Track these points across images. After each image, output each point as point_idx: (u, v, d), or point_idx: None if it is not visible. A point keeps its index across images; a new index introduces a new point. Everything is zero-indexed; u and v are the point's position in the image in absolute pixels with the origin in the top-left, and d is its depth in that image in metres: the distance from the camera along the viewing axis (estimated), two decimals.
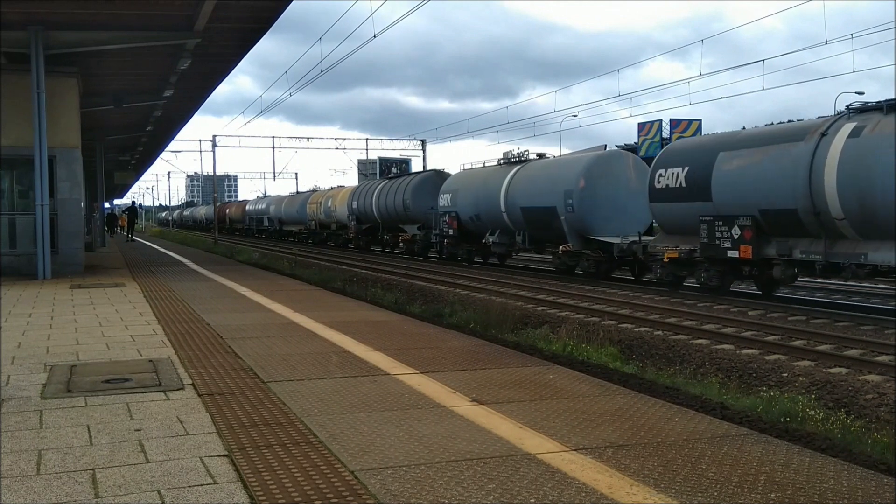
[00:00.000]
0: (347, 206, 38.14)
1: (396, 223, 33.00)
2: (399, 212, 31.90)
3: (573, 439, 4.27)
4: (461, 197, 26.20)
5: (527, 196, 22.43)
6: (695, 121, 54.97)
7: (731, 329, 12.34)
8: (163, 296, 12.34)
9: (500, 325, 11.43)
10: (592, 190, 20.19)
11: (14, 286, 13.96)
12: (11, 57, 15.97)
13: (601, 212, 20.14)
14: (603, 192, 20.26)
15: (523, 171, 23.29)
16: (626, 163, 21.09)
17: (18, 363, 6.66)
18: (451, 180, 28.38)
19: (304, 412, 4.87)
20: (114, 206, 69.04)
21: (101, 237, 35.25)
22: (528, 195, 22.36)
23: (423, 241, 30.37)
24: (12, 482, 3.62)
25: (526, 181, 22.75)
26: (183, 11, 14.60)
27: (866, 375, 9.09)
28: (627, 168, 20.87)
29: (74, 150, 17.16)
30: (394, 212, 32.41)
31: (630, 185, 20.43)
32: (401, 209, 31.60)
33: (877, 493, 3.50)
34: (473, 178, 26.26)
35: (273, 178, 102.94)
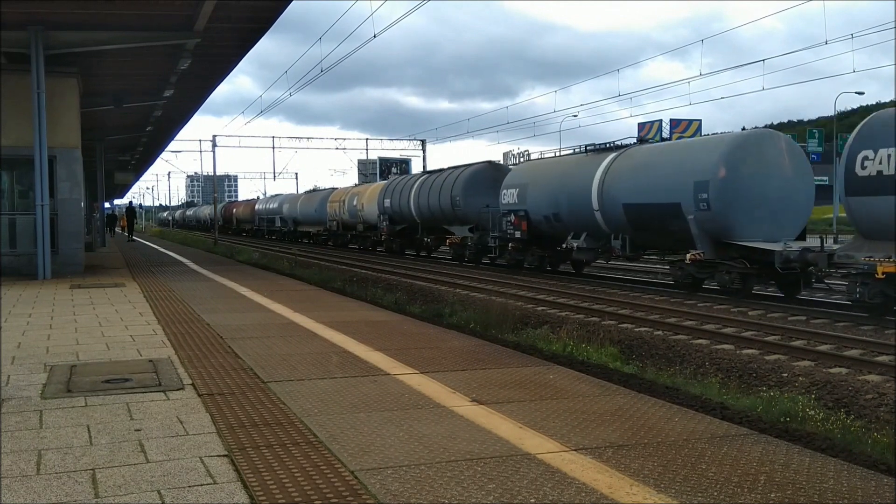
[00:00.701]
0: (378, 204, 33.94)
1: (441, 224, 29.09)
2: (445, 210, 27.81)
3: (573, 439, 4.27)
4: (532, 193, 21.93)
5: (633, 190, 17.94)
6: (695, 121, 55.03)
7: (731, 329, 12.34)
8: (163, 296, 12.34)
9: (501, 325, 11.42)
10: (736, 181, 15.77)
11: (14, 286, 13.96)
12: (11, 57, 15.97)
13: (748, 209, 15.76)
14: (750, 183, 15.81)
15: (624, 159, 18.79)
16: (779, 146, 16.49)
17: (18, 363, 6.66)
18: (516, 173, 24.37)
19: (304, 412, 4.87)
20: (114, 207, 69.03)
21: (102, 237, 35.26)
22: (636, 189, 17.86)
23: (476, 244, 26.10)
24: (12, 482, 3.62)
25: (630, 172, 18.30)
26: (183, 11, 14.59)
27: (866, 375, 9.10)
28: (781, 153, 16.37)
29: (74, 150, 17.16)
30: (438, 211, 28.37)
31: (784, 174, 16.16)
32: (447, 207, 27.49)
33: (877, 493, 3.50)
34: (549, 170, 22.23)
35: (273, 178, 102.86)
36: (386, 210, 33.12)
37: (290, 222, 51.15)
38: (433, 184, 28.98)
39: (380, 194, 34.27)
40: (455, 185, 27.06)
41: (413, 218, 30.80)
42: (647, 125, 55.60)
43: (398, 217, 32.26)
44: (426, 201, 29.20)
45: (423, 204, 29.47)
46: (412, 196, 30.45)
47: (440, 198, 27.93)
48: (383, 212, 33.43)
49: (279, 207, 54.08)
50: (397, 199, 32.00)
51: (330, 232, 43.02)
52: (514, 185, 23.37)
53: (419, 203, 29.72)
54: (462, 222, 27.25)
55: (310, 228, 47.78)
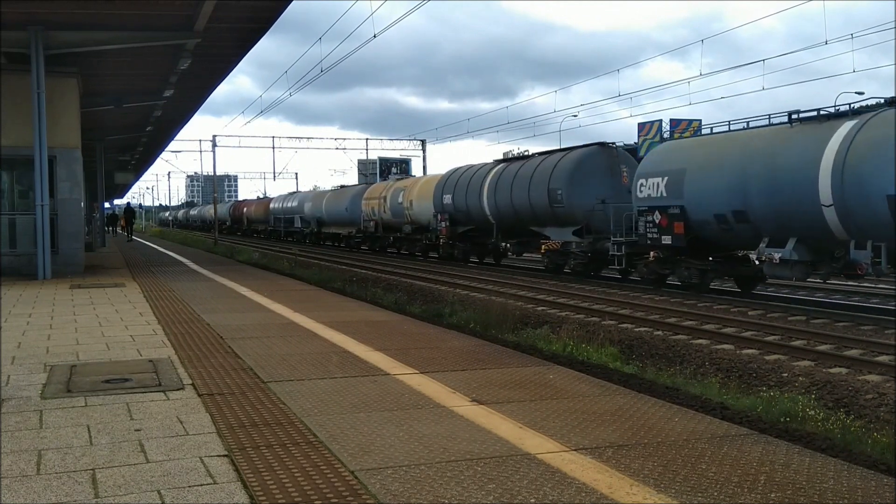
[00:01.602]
0: (434, 201, 28.49)
1: (529, 224, 23.30)
2: (538, 208, 22.29)
3: (573, 439, 4.27)
4: (694, 182, 16.15)
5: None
6: (695, 121, 54.94)
7: (731, 329, 12.35)
8: (163, 296, 12.34)
9: (500, 325, 11.42)
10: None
11: (14, 286, 13.95)
12: (11, 57, 15.97)
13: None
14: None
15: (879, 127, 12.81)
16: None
17: (18, 363, 6.66)
18: (661, 155, 17.94)
19: (304, 412, 4.87)
20: (114, 207, 68.93)
21: (101, 237, 35.26)
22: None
23: (586, 252, 20.45)
24: (12, 482, 3.62)
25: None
26: (183, 11, 14.60)
27: (866, 375, 9.10)
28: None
29: (74, 150, 17.17)
30: (525, 208, 22.84)
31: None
32: (541, 204, 22.02)
33: (877, 493, 3.50)
34: (722, 150, 16.00)
35: (273, 178, 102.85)
36: (446, 208, 27.50)
37: (314, 222, 45.83)
38: (518, 174, 23.31)
39: (436, 189, 28.51)
40: (555, 175, 21.40)
41: (485, 218, 25.27)
42: (647, 125, 55.52)
43: (462, 217, 26.70)
44: (507, 197, 23.67)
45: (502, 200, 24.05)
46: (485, 190, 24.96)
47: (530, 192, 22.30)
48: (441, 210, 27.78)
49: (299, 206, 48.72)
50: (462, 195, 26.43)
51: (365, 234, 37.31)
52: (658, 171, 17.21)
53: (496, 199, 24.26)
54: (562, 222, 21.46)
55: (339, 230, 42.05)
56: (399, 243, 34.33)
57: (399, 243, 34.33)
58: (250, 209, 64.12)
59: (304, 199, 48.76)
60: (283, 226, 52.74)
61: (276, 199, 57.56)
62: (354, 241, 39.64)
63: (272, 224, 55.69)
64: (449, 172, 29.03)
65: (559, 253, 21.90)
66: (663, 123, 54.92)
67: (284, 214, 52.17)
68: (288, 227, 51.48)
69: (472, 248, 27.73)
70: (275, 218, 54.79)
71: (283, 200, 54.35)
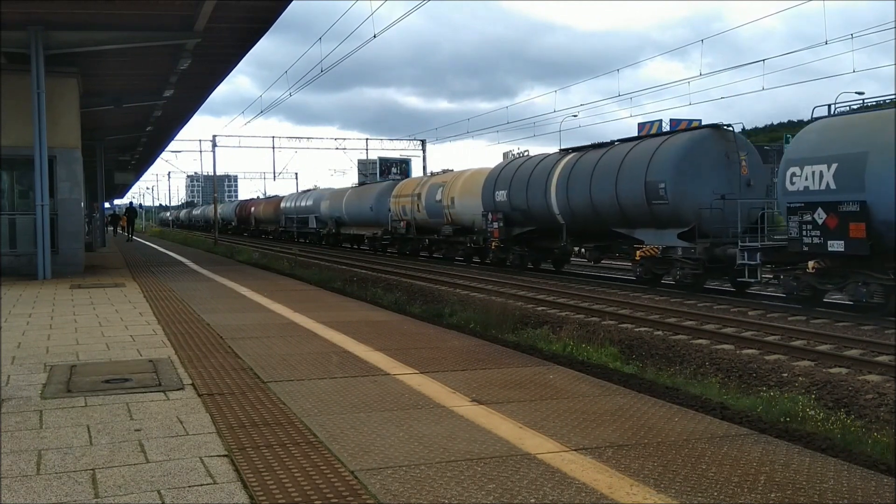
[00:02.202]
0: (485, 198, 24.87)
1: (612, 225, 19.37)
2: (629, 205, 18.28)
3: (573, 439, 4.27)
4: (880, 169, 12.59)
5: None
6: (695, 121, 54.99)
7: (731, 329, 12.35)
8: (163, 296, 12.34)
9: (500, 325, 11.42)
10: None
11: (14, 286, 13.95)
12: (11, 57, 15.97)
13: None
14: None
15: None
16: None
17: (18, 363, 6.66)
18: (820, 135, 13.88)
19: (304, 412, 4.87)
20: (114, 207, 68.85)
21: (101, 237, 35.25)
22: None
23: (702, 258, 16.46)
24: (12, 482, 3.62)
25: None
26: (183, 11, 14.60)
27: (866, 375, 9.10)
28: None
29: (74, 150, 17.17)
30: (611, 205, 18.94)
31: None
32: (635, 200, 17.99)
33: (877, 493, 3.50)
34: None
35: (273, 178, 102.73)
36: (499, 206, 23.87)
37: (332, 223, 42.19)
38: (600, 165, 19.45)
39: (486, 185, 24.81)
40: (655, 165, 17.48)
41: (551, 218, 21.48)
42: (647, 125, 55.61)
43: (520, 216, 22.95)
44: (583, 192, 19.68)
45: (576, 196, 20.13)
46: (552, 185, 21.13)
47: (619, 186, 18.45)
48: (493, 209, 24.14)
49: (315, 205, 45.20)
50: (520, 191, 22.63)
51: (394, 236, 33.76)
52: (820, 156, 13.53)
53: (569, 195, 20.36)
54: (663, 223, 17.57)
55: (361, 231, 38.48)
56: (436, 247, 30.43)
57: (436, 247, 30.43)
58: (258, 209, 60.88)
59: (321, 198, 45.10)
60: (295, 226, 49.49)
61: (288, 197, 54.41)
62: (381, 243, 36.02)
63: (283, 224, 52.53)
64: (502, 165, 25.21)
65: (658, 261, 17.86)
66: (663, 123, 54.99)
67: (297, 214, 48.92)
68: (302, 227, 48.13)
69: (532, 254, 23.69)
70: (286, 218, 51.68)
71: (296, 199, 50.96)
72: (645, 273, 18.52)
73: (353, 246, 41.60)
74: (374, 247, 37.41)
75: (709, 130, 17.78)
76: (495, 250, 24.49)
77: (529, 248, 23.77)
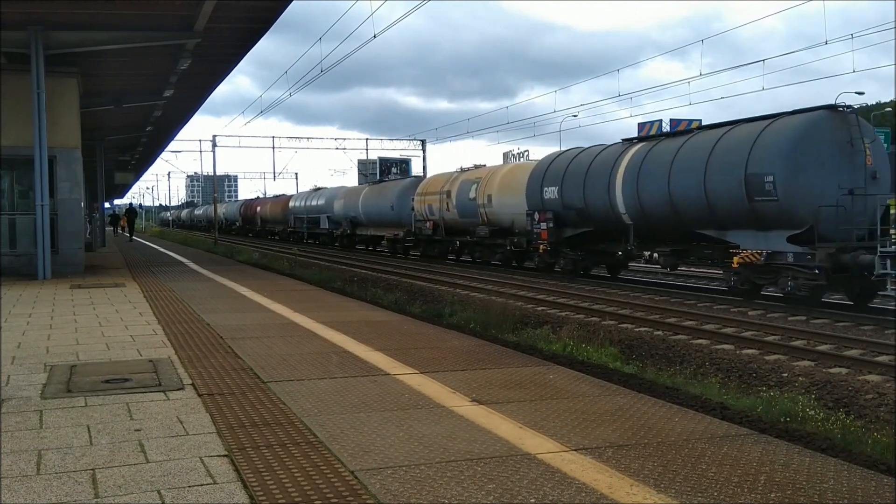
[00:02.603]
0: (529, 195, 22.17)
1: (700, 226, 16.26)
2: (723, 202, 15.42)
3: (573, 439, 4.27)
4: None
5: None
6: (695, 121, 54.98)
7: (731, 329, 12.35)
8: (163, 296, 12.34)
9: (500, 325, 11.43)
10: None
11: (14, 286, 13.95)
12: (11, 57, 15.97)
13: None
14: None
15: None
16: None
17: (18, 363, 6.66)
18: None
19: (304, 412, 4.87)
20: (115, 207, 68.81)
21: (101, 237, 35.26)
22: None
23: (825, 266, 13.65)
24: (12, 482, 3.62)
25: None
26: (183, 11, 14.60)
27: (866, 375, 9.10)
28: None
29: (74, 150, 17.17)
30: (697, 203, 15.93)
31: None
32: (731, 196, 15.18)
33: (877, 493, 3.50)
34: None
35: (273, 178, 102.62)
36: (548, 205, 21.11)
37: (346, 223, 39.35)
38: (681, 155, 16.51)
39: (532, 180, 22.15)
40: (758, 154, 14.65)
41: (614, 217, 18.60)
42: (647, 125, 55.59)
43: (574, 216, 20.19)
44: (659, 187, 16.77)
45: (650, 192, 17.23)
46: (617, 180, 18.27)
47: (707, 179, 15.49)
48: (541, 207, 21.39)
49: (327, 204, 42.41)
50: (575, 187, 19.87)
51: (418, 237, 31.16)
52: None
53: (639, 191, 17.53)
54: (767, 224, 14.68)
55: (380, 232, 35.90)
56: (469, 249, 27.71)
57: (469, 249, 27.71)
58: (265, 208, 58.18)
59: (334, 196, 42.25)
60: (305, 227, 46.72)
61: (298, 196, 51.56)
62: (404, 245, 33.17)
63: (292, 225, 49.88)
64: (550, 158, 22.44)
65: (759, 269, 14.96)
66: (663, 123, 54.97)
67: (308, 214, 46.07)
68: (312, 228, 45.48)
69: (586, 258, 20.97)
70: (295, 218, 49.05)
71: (306, 198, 48.03)
72: (742, 283, 15.58)
73: (368, 248, 39.38)
74: (394, 249, 34.96)
75: (825, 112, 14.65)
76: (543, 254, 21.65)
77: (582, 251, 20.89)
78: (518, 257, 24.84)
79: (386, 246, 36.58)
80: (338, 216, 40.75)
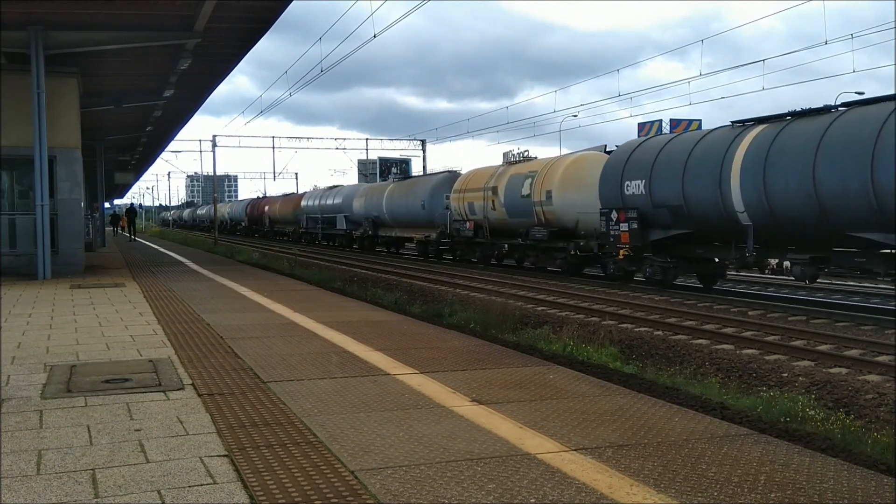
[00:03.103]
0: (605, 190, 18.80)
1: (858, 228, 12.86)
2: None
3: (573, 439, 4.27)
4: None
5: None
6: (695, 121, 54.96)
7: (731, 329, 12.34)
8: (163, 296, 12.34)
9: (500, 325, 11.43)
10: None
11: (14, 286, 13.95)
12: (11, 57, 15.98)
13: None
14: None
15: None
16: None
17: (18, 363, 6.66)
18: None
19: (304, 412, 4.87)
20: (115, 207, 68.78)
21: (101, 237, 35.26)
22: None
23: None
24: (12, 482, 3.62)
25: None
26: (183, 11, 14.60)
27: (866, 375, 9.10)
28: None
29: (74, 150, 17.17)
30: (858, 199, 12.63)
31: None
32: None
33: (877, 493, 3.50)
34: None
35: (273, 178, 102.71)
36: (629, 201, 17.82)
37: (367, 223, 36.16)
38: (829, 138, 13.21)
39: (608, 172, 18.81)
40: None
41: (728, 216, 15.30)
42: (647, 125, 55.58)
43: (669, 215, 16.79)
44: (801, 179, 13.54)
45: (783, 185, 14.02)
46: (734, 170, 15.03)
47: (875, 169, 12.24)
48: (621, 205, 18.10)
49: (345, 203, 39.55)
50: (672, 180, 16.55)
51: (455, 239, 27.78)
52: None
53: (766, 184, 14.29)
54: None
55: (407, 233, 32.98)
56: (521, 253, 24.42)
57: (521, 253, 24.42)
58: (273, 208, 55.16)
59: (353, 195, 39.14)
60: (320, 228, 43.64)
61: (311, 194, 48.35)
62: (437, 248, 29.63)
63: (304, 225, 46.86)
64: (631, 146, 18.79)
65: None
66: (663, 123, 54.97)
67: (322, 213, 43.03)
68: (327, 228, 42.37)
69: (678, 265, 17.38)
70: (308, 218, 46.01)
71: (320, 196, 44.90)
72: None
73: (390, 250, 36.48)
74: (423, 252, 31.38)
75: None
76: (622, 260, 18.36)
77: (673, 257, 17.36)
78: (584, 263, 21.68)
79: (415, 248, 33.41)
80: (357, 216, 37.67)
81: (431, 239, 29.76)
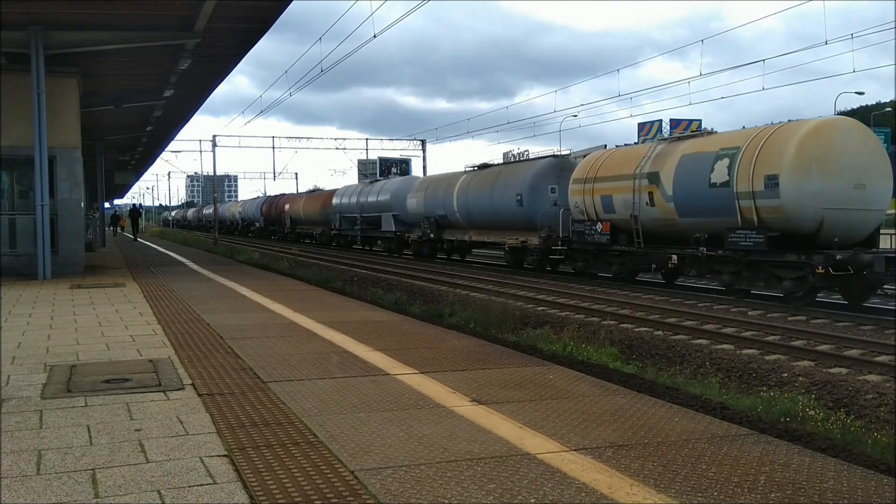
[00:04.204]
0: None
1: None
2: None
3: (573, 439, 4.27)
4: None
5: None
6: (695, 121, 54.98)
7: (731, 329, 12.35)
8: (163, 296, 12.34)
9: (500, 325, 11.43)
10: None
11: (14, 286, 13.95)
12: (11, 57, 15.97)
13: None
14: None
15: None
16: None
17: (18, 363, 6.66)
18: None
19: (304, 412, 4.87)
20: (115, 207, 68.73)
21: (102, 237, 35.25)
22: None
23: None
24: (12, 482, 3.62)
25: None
26: (183, 11, 14.60)
27: (866, 375, 9.10)
28: None
29: (74, 150, 17.17)
30: None
31: None
32: None
33: (877, 493, 3.50)
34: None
35: (273, 178, 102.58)
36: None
37: (427, 224, 28.99)
38: None
39: None
40: None
41: None
42: (647, 125, 55.62)
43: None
44: None
45: None
46: None
47: None
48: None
49: (394, 199, 32.96)
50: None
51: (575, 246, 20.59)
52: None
53: None
54: None
55: (488, 237, 25.56)
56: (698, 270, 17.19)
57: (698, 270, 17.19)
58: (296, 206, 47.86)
59: (405, 190, 32.13)
60: (359, 229, 36.89)
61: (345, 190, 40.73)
62: (549, 256, 21.89)
63: (337, 226, 39.93)
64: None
65: None
66: (663, 123, 54.98)
67: (362, 212, 36.26)
68: (369, 230, 35.94)
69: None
70: (341, 217, 39.31)
71: (359, 193, 37.74)
72: None
73: (451, 258, 28.85)
74: (515, 261, 24.10)
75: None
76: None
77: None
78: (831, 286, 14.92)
79: (505, 258, 25.31)
80: (412, 215, 30.59)
81: (532, 245, 22.56)
